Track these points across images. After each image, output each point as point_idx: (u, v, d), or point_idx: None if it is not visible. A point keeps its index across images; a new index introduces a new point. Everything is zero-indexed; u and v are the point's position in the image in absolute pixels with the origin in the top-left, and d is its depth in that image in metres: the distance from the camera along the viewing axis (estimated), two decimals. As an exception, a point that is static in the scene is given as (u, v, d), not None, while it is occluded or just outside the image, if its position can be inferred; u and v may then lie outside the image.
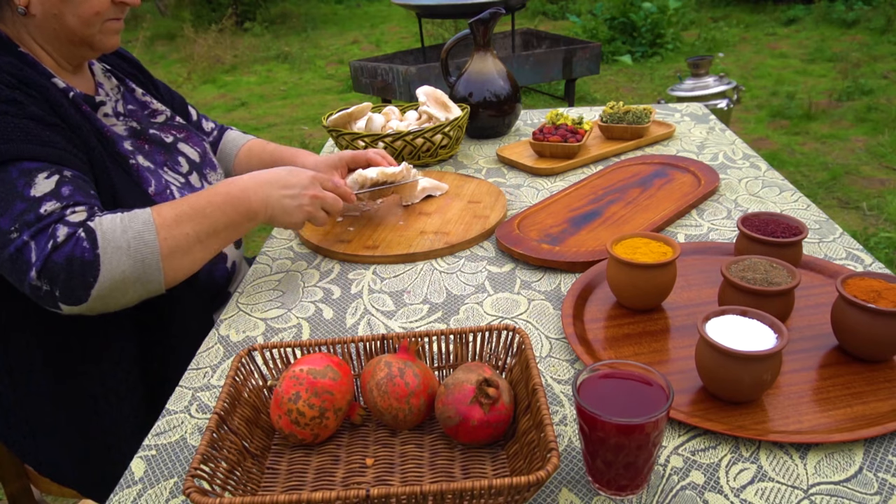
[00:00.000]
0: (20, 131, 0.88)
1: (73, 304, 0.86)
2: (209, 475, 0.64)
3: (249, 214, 0.99)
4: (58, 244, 0.84)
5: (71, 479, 1.09)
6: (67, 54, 1.02)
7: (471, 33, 1.61)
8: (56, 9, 0.95)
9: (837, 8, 6.83)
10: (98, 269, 0.85)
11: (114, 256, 0.86)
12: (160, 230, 0.90)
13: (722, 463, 0.69)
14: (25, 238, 0.84)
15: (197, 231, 0.93)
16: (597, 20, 6.58)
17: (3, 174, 0.86)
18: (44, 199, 0.86)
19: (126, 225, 0.88)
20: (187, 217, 0.93)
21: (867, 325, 0.77)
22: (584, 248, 1.10)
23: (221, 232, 0.97)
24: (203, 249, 0.95)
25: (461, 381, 0.70)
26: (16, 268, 0.85)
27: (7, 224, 0.85)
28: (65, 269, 0.84)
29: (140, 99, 1.17)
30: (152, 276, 0.90)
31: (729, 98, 3.64)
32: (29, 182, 0.86)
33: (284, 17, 8.99)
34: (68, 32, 0.98)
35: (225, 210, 0.96)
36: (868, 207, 3.20)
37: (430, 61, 4.11)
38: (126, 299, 0.90)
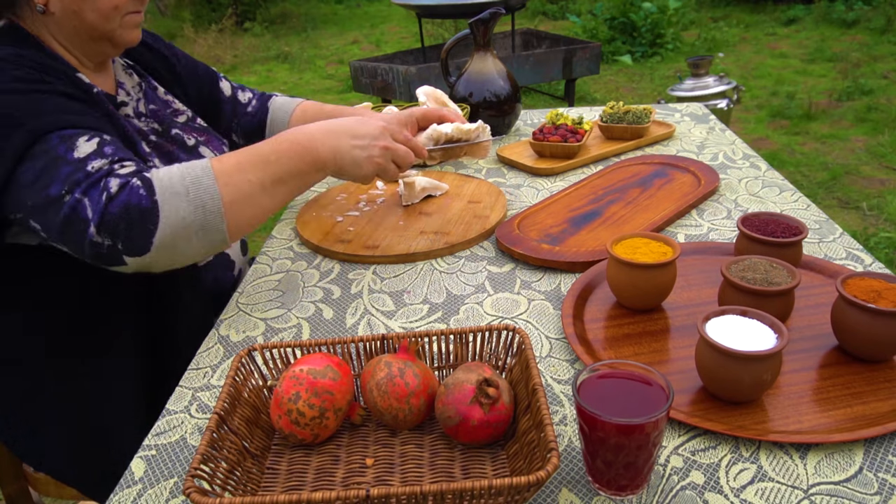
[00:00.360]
0: (51, 104, 0.87)
1: (136, 254, 0.84)
2: (209, 475, 0.64)
3: (317, 164, 0.96)
4: (112, 195, 0.82)
5: (70, 477, 1.09)
6: (89, 51, 1.01)
7: (471, 33, 1.61)
8: (75, 5, 0.94)
9: (837, 8, 6.83)
10: (157, 215, 0.83)
11: (172, 202, 0.84)
12: (219, 177, 0.87)
13: (722, 463, 0.69)
14: (77, 196, 0.82)
15: (261, 178, 0.90)
16: (597, 20, 6.58)
17: (43, 145, 0.84)
18: (88, 159, 0.85)
19: (184, 172, 0.86)
20: (250, 164, 0.91)
21: (867, 325, 0.77)
22: (584, 248, 1.10)
23: (287, 180, 0.94)
24: (269, 197, 0.92)
25: (461, 381, 0.70)
26: (73, 229, 0.83)
27: (57, 189, 0.83)
28: (123, 219, 0.82)
29: (162, 98, 1.15)
30: (215, 223, 0.87)
31: (729, 98, 3.64)
32: (70, 146, 0.85)
33: (284, 17, 8.99)
34: (88, 28, 0.97)
35: (291, 157, 0.94)
36: (868, 207, 3.20)
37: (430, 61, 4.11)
38: (192, 251, 0.87)
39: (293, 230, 1.28)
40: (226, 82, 1.31)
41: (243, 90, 1.33)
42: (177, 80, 1.23)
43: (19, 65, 0.88)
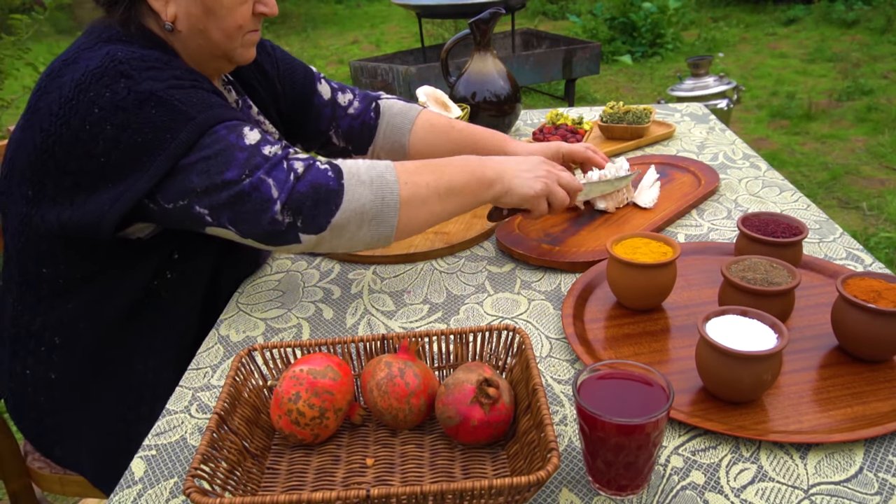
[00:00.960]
0: (214, 100, 0.90)
1: (314, 231, 0.88)
2: (209, 475, 0.64)
3: (486, 181, 0.99)
4: (299, 175, 0.87)
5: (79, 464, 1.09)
6: (206, 68, 1.02)
7: (471, 33, 1.61)
8: (202, 24, 0.94)
9: (837, 8, 6.83)
10: (342, 196, 0.87)
11: (357, 188, 0.88)
12: (401, 175, 0.92)
13: (722, 463, 0.69)
14: (261, 175, 0.85)
15: (437, 183, 0.94)
16: (597, 20, 6.58)
17: (213, 135, 0.87)
18: (260, 145, 0.88)
19: (370, 165, 0.91)
20: (427, 169, 0.95)
21: (867, 325, 0.77)
22: (584, 248, 1.10)
23: (458, 192, 0.97)
24: (440, 203, 0.95)
25: (461, 381, 0.70)
26: (252, 208, 0.86)
27: (235, 174, 0.85)
28: (311, 197, 0.86)
29: (255, 118, 1.16)
30: (388, 218, 0.90)
31: (729, 98, 3.64)
32: (239, 134, 0.88)
33: (284, 17, 8.99)
34: (212, 46, 0.97)
35: (463, 171, 0.98)
36: (868, 207, 3.20)
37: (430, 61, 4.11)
38: (358, 238, 0.91)
39: (293, 230, 1.28)
40: (325, 84, 1.27)
41: (343, 91, 1.28)
42: (274, 97, 1.20)
43: (173, 66, 0.90)
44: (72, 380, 1.05)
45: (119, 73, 0.85)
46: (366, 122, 1.27)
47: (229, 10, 0.95)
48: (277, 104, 1.21)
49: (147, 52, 0.90)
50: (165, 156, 0.85)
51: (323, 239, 0.89)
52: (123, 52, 0.87)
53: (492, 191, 1.00)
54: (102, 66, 0.85)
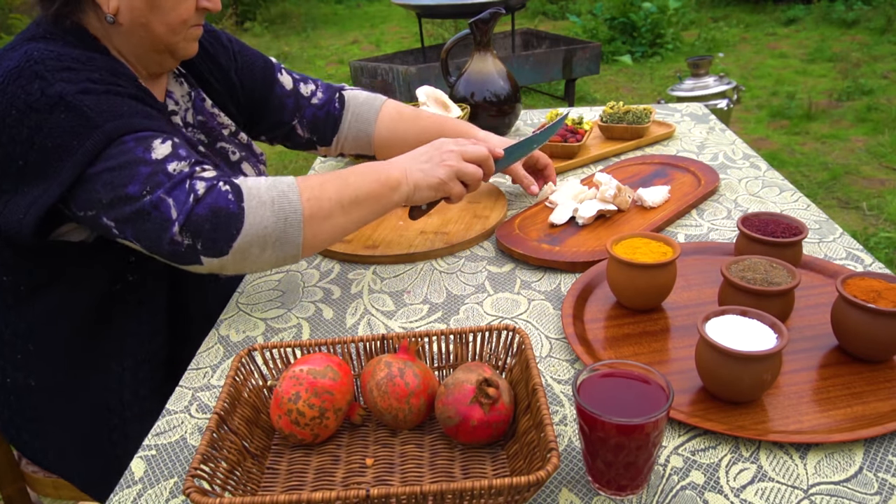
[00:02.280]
0: (126, 106, 0.88)
1: (214, 255, 0.85)
2: (209, 475, 0.64)
3: (391, 182, 0.97)
4: (199, 197, 0.84)
5: (68, 472, 1.09)
6: (148, 62, 1.01)
7: (471, 33, 1.61)
8: (144, 17, 0.94)
9: (837, 8, 6.83)
10: (242, 220, 0.85)
11: (258, 210, 0.86)
12: (303, 192, 0.90)
13: (722, 463, 0.69)
14: (161, 195, 0.83)
15: (339, 196, 0.92)
16: (597, 20, 6.58)
17: (119, 146, 0.85)
18: (166, 161, 0.86)
19: (271, 184, 0.89)
20: (330, 183, 0.93)
21: (867, 325, 0.77)
22: (584, 248, 1.10)
23: (364, 202, 0.95)
24: (344, 216, 0.93)
25: (461, 381, 0.70)
26: (152, 227, 0.84)
27: (137, 189, 0.84)
28: (209, 220, 0.83)
29: (209, 110, 1.15)
30: (292, 237, 0.88)
31: (729, 98, 3.64)
32: (147, 147, 0.86)
33: (284, 17, 8.98)
34: (154, 40, 0.97)
35: (366, 177, 0.96)
36: (868, 207, 3.20)
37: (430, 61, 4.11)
38: (263, 259, 0.89)
39: (293, 230, 1.28)
40: (286, 75, 1.26)
41: (305, 82, 1.28)
42: (229, 89, 1.19)
43: (92, 66, 0.88)
44: (51, 385, 1.05)
45: (34, 73, 0.84)
46: (330, 113, 1.26)
47: (173, 4, 0.94)
48: (234, 96, 1.20)
49: (67, 50, 0.88)
50: (72, 163, 0.84)
51: (226, 262, 0.86)
52: (40, 52, 0.85)
53: (398, 193, 0.98)
54: (19, 67, 0.84)
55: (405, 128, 1.27)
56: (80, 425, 1.06)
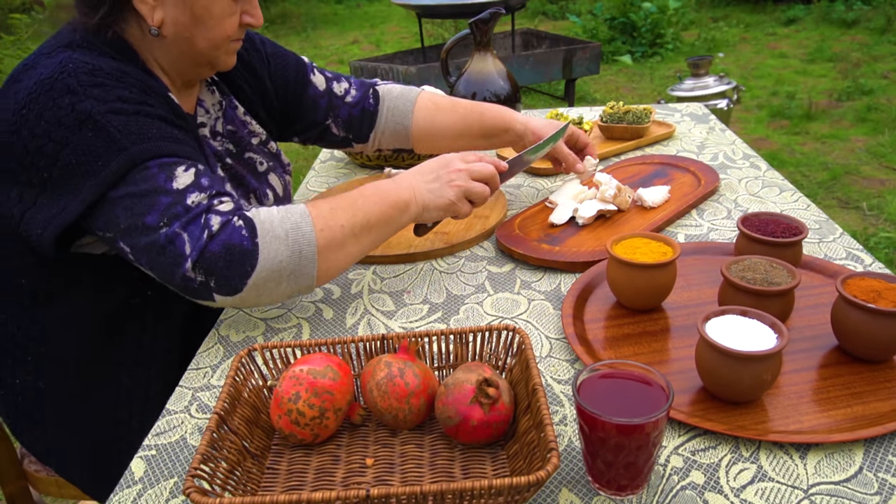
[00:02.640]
0: (155, 129, 0.87)
1: (228, 293, 0.84)
2: (209, 475, 0.64)
3: (400, 205, 0.96)
4: (213, 233, 0.83)
5: (71, 474, 1.09)
6: (186, 73, 1.01)
7: (471, 33, 1.61)
8: (188, 32, 0.93)
9: (837, 8, 6.83)
10: (257, 257, 0.83)
11: (272, 245, 0.84)
12: (317, 222, 0.88)
13: (722, 463, 0.69)
14: (176, 229, 0.82)
15: (351, 223, 0.91)
16: (597, 20, 6.58)
17: (143, 171, 0.84)
18: (187, 191, 0.85)
19: (283, 216, 0.87)
20: (341, 209, 0.91)
21: (867, 325, 0.77)
22: (584, 248, 1.10)
23: (374, 226, 0.94)
24: (356, 244, 0.92)
25: (461, 381, 0.70)
26: (166, 260, 0.83)
27: (154, 220, 0.83)
28: (223, 258, 0.82)
29: (241, 118, 1.14)
30: (307, 269, 0.87)
31: (729, 98, 3.64)
32: (170, 176, 0.85)
33: (284, 17, 8.98)
34: (195, 54, 0.96)
35: (376, 202, 0.94)
36: (868, 207, 3.20)
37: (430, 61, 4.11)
38: (278, 293, 0.87)
39: (293, 230, 1.28)
40: (318, 75, 1.24)
41: (339, 80, 1.26)
42: (262, 95, 1.18)
43: (124, 83, 0.87)
44: (59, 391, 1.04)
45: (66, 87, 0.83)
46: (366, 109, 1.25)
47: (218, 20, 0.93)
48: (267, 102, 1.19)
49: (102, 62, 0.87)
50: (95, 182, 0.83)
51: (242, 298, 0.85)
52: (75, 63, 0.85)
53: (408, 214, 0.98)
54: (52, 77, 0.83)
55: (444, 118, 1.25)
56: (87, 432, 1.06)
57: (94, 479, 1.09)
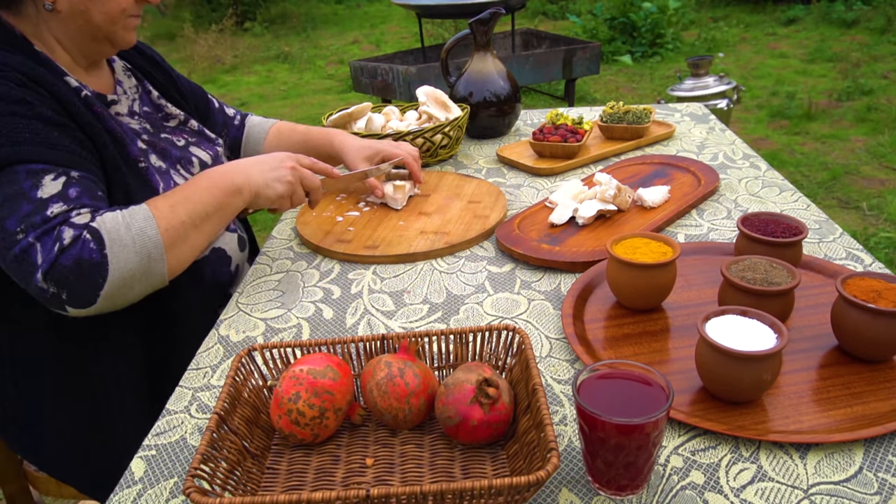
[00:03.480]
0: (29, 132, 0.88)
1: (80, 306, 0.86)
2: (209, 475, 0.64)
3: (233, 189, 1.01)
4: (64, 246, 0.84)
5: (70, 475, 1.09)
6: (86, 51, 1.03)
7: (471, 33, 1.61)
8: (83, 5, 0.96)
9: (837, 8, 6.83)
10: (107, 269, 0.86)
11: (121, 255, 0.87)
12: (160, 222, 0.91)
13: (722, 463, 0.69)
14: (31, 240, 0.84)
15: (191, 216, 0.95)
16: (597, 20, 6.58)
17: (10, 175, 0.86)
18: (50, 201, 0.86)
19: (128, 222, 0.89)
20: (179, 205, 0.95)
21: (867, 325, 0.77)
22: (584, 248, 1.10)
23: (213, 214, 0.99)
24: (198, 234, 0.97)
25: (461, 381, 0.70)
26: (21, 269, 0.85)
27: (13, 225, 0.85)
28: (73, 272, 0.84)
29: (155, 101, 1.18)
30: (157, 269, 0.91)
31: (729, 98, 3.64)
32: (36, 183, 0.86)
33: (284, 17, 8.98)
34: (92, 28, 0.99)
35: (211, 191, 0.99)
36: (868, 207, 3.20)
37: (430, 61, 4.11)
38: (132, 295, 0.91)
39: (293, 230, 1.28)
40: (214, 99, 1.38)
41: (227, 107, 1.40)
42: (171, 82, 1.25)
43: (4, 77, 0.89)
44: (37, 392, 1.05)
45: None
46: (238, 137, 1.39)
47: None
48: (178, 87, 1.26)
49: None
50: None
51: (97, 308, 0.88)
52: None
53: (241, 198, 1.02)
54: None
55: (285, 143, 1.40)
56: (74, 431, 1.06)
57: (87, 477, 1.09)
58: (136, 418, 1.05)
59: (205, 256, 1.15)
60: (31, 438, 1.08)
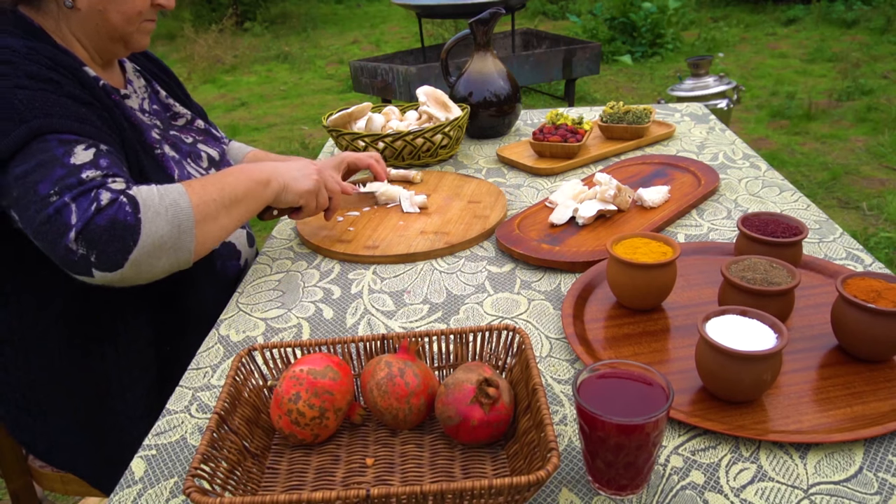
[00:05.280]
0: (59, 106, 0.90)
1: (108, 269, 0.86)
2: (209, 475, 0.64)
3: (263, 179, 1.04)
4: (101, 207, 0.85)
5: (75, 465, 1.10)
6: (102, 50, 1.06)
7: (471, 33, 1.61)
8: (101, 5, 0.99)
9: (837, 8, 6.83)
10: (139, 232, 0.86)
11: (154, 221, 0.88)
12: (192, 197, 0.93)
13: (722, 463, 0.69)
14: (66, 200, 0.85)
15: (222, 196, 0.97)
16: (597, 20, 6.58)
17: (42, 144, 0.87)
18: (84, 167, 0.87)
19: (163, 193, 0.91)
20: (212, 185, 0.97)
21: (867, 325, 0.77)
22: (584, 248, 1.10)
23: (241, 199, 1.01)
24: (228, 216, 0.98)
25: (461, 381, 0.70)
26: (52, 230, 0.85)
27: (46, 188, 0.85)
28: (107, 231, 0.85)
29: (164, 101, 1.21)
30: (185, 242, 0.91)
31: (729, 98, 3.64)
32: (68, 151, 0.88)
33: (284, 17, 8.98)
34: (109, 28, 1.02)
35: (240, 178, 1.02)
36: (868, 207, 3.20)
37: (430, 61, 4.11)
38: (157, 268, 0.90)
39: (293, 230, 1.28)
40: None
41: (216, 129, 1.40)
42: (179, 87, 1.28)
43: (33, 60, 0.91)
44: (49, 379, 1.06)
45: None
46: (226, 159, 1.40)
47: None
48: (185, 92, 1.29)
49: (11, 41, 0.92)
50: None
51: (122, 274, 0.87)
52: None
53: (269, 189, 1.05)
54: None
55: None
56: (83, 419, 1.06)
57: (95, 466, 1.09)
58: (147, 409, 1.05)
59: (215, 250, 1.17)
60: (40, 428, 1.08)
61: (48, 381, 1.05)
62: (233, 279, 1.20)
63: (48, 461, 1.12)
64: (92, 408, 1.06)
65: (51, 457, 1.10)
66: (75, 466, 1.10)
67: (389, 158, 1.51)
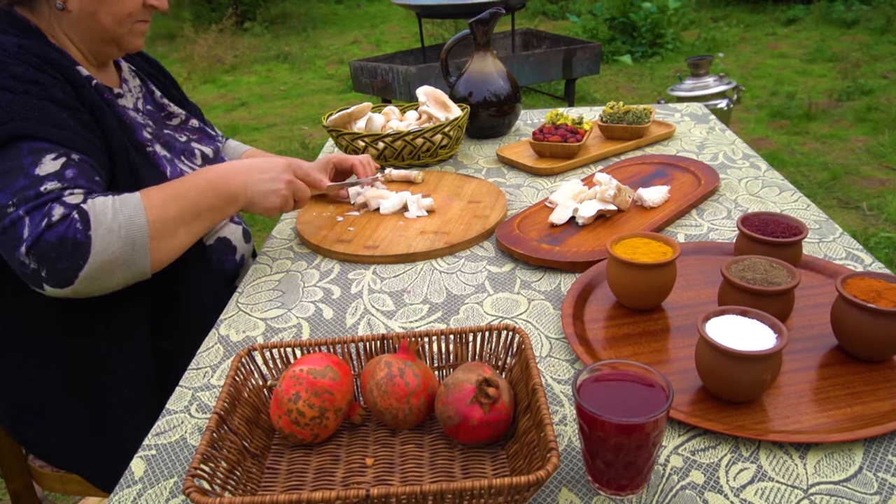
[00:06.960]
0: (38, 111, 0.90)
1: (58, 286, 0.87)
2: (209, 475, 0.64)
3: (230, 198, 1.03)
4: (52, 223, 0.85)
5: (75, 463, 1.10)
6: (95, 51, 1.06)
7: (471, 33, 1.61)
8: (92, 7, 0.99)
9: (837, 8, 6.83)
10: (89, 250, 0.86)
11: (105, 238, 0.87)
12: (149, 212, 0.92)
13: (722, 463, 0.69)
14: (21, 213, 0.85)
15: (182, 214, 0.96)
16: (597, 20, 6.58)
17: (13, 150, 0.88)
18: (46, 179, 0.87)
19: (117, 208, 0.90)
20: (173, 200, 0.96)
21: (867, 325, 0.77)
22: (584, 248, 1.10)
23: (204, 215, 1.00)
24: (187, 232, 0.98)
25: (461, 381, 0.70)
26: (7, 241, 0.86)
27: (6, 199, 0.86)
28: (56, 249, 0.85)
29: (158, 101, 1.22)
30: (140, 259, 0.91)
31: (729, 98, 3.64)
32: (36, 161, 0.88)
33: (284, 17, 8.98)
34: (101, 30, 1.02)
35: (207, 193, 1.00)
36: (868, 207, 3.20)
37: (430, 61, 4.11)
38: (111, 283, 0.91)
39: (293, 230, 1.28)
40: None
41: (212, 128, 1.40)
42: (175, 87, 1.29)
43: (21, 59, 0.91)
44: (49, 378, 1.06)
45: None
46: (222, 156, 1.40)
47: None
48: (180, 91, 1.30)
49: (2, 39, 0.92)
50: None
51: (74, 290, 0.88)
52: None
53: (234, 206, 1.05)
54: None
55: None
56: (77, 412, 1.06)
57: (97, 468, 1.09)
58: (145, 405, 1.05)
59: (209, 245, 1.17)
60: (40, 426, 1.08)
61: (45, 378, 1.05)
62: (230, 275, 1.20)
63: (48, 460, 1.12)
64: (90, 404, 1.06)
65: (50, 455, 1.10)
66: (75, 465, 1.10)
67: (389, 158, 1.51)
